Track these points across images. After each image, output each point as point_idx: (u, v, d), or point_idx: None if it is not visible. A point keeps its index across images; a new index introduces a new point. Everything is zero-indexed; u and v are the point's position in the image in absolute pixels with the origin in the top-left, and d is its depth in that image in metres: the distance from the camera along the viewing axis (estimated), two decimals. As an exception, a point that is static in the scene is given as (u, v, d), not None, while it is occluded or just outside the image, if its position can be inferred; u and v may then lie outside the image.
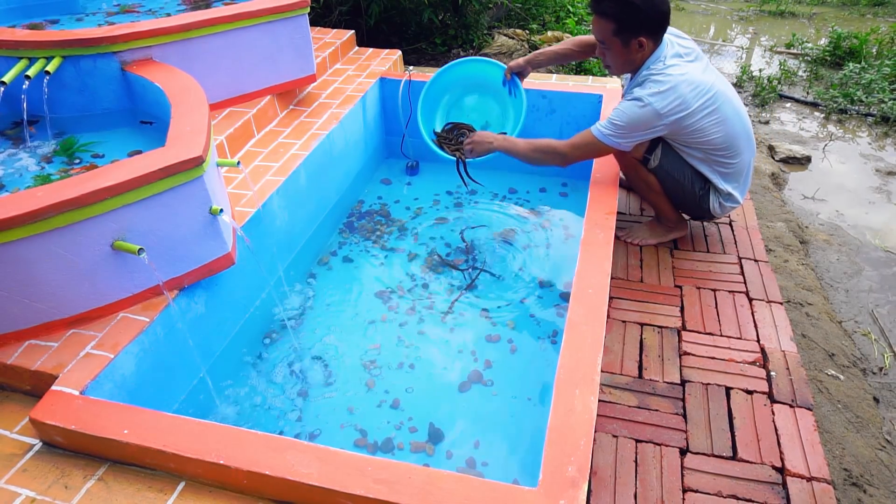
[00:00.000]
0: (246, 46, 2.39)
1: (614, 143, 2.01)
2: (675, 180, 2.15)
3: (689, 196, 2.18)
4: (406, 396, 1.90)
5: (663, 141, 2.11)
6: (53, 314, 1.55)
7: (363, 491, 1.20)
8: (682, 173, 2.14)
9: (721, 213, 2.21)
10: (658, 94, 1.91)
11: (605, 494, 1.49)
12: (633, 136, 1.99)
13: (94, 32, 2.05)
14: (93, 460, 1.39)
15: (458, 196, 2.88)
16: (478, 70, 2.59)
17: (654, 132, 1.99)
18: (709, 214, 2.24)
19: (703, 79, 1.94)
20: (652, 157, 2.13)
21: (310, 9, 2.58)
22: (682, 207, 2.28)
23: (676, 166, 2.13)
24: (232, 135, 2.33)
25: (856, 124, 4.14)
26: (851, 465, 1.71)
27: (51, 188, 1.44)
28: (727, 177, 2.13)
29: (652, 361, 1.85)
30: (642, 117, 1.94)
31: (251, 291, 2.13)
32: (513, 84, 2.52)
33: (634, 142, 2.02)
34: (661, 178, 2.17)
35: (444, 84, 2.62)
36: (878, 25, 5.57)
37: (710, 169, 2.11)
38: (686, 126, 1.97)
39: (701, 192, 2.16)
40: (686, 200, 2.21)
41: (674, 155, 2.12)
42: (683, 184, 2.15)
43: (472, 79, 2.63)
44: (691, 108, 1.93)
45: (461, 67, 2.59)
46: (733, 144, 2.04)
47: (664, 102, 1.91)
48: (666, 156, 2.12)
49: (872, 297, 2.58)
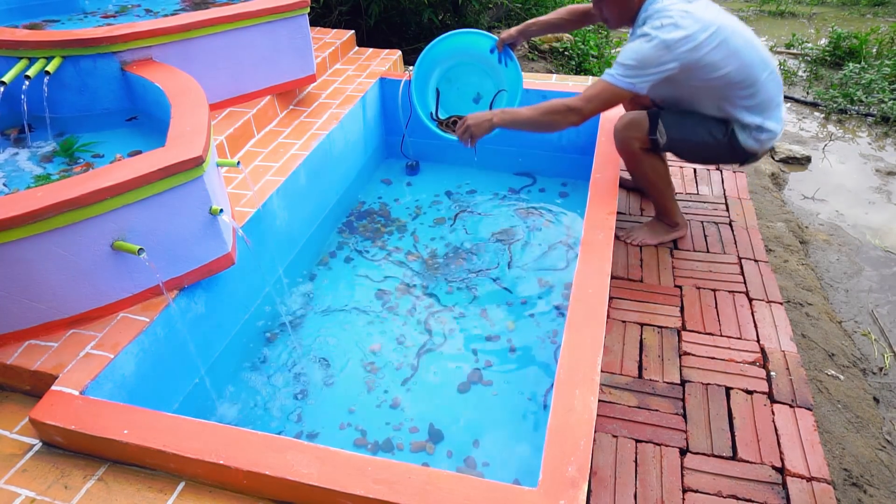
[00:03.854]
0: (246, 46, 2.40)
1: (629, 84, 1.92)
2: (694, 143, 2.09)
3: (716, 147, 2.10)
4: (406, 396, 1.90)
5: (661, 112, 2.07)
6: (53, 314, 1.55)
7: (363, 491, 1.20)
8: (696, 131, 2.08)
9: (760, 147, 2.08)
10: (662, 27, 1.87)
11: (605, 494, 1.49)
12: (646, 74, 1.91)
13: (94, 32, 2.05)
14: (93, 460, 1.39)
15: (458, 196, 2.88)
16: (468, 42, 2.53)
17: (667, 69, 1.91)
18: (749, 154, 2.10)
19: (704, 14, 1.90)
20: (657, 134, 2.07)
21: (310, 9, 2.58)
22: (720, 160, 2.21)
23: (688, 128, 2.07)
24: (232, 135, 2.33)
25: (856, 124, 4.14)
26: (851, 465, 1.71)
27: (51, 188, 1.44)
28: (752, 110, 2.02)
29: (652, 361, 1.85)
30: (651, 52, 1.88)
31: (251, 291, 2.13)
32: (506, 55, 2.47)
33: (649, 81, 1.93)
34: (679, 150, 2.10)
35: (434, 58, 2.57)
36: (878, 25, 5.57)
37: (731, 106, 2.02)
38: (697, 62, 1.90)
39: (726, 137, 2.07)
40: (718, 152, 2.13)
41: (679, 120, 2.07)
42: (705, 140, 2.08)
43: (463, 52, 2.58)
44: (698, 41, 1.87)
45: (451, 40, 2.53)
46: (750, 75, 1.96)
47: (670, 34, 1.86)
48: (672, 126, 2.07)
49: (872, 297, 2.58)
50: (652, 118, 2.08)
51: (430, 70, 2.64)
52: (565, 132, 2.94)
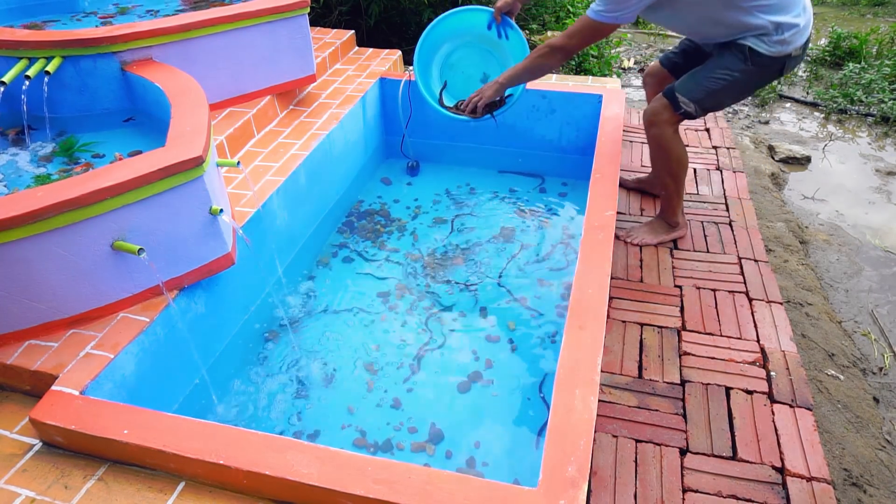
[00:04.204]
0: (246, 46, 2.39)
1: (611, 18, 1.88)
2: (721, 89, 2.00)
3: (745, 79, 1.98)
4: (406, 396, 1.90)
5: (674, 85, 2.03)
6: (53, 314, 1.55)
7: (363, 491, 1.20)
8: (715, 79, 1.99)
9: (789, 48, 1.90)
10: None
11: (605, 494, 1.49)
12: (628, 4, 1.85)
13: (94, 32, 2.05)
14: (93, 460, 1.39)
15: (458, 196, 2.88)
16: (463, 22, 2.48)
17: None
18: (781, 61, 1.94)
19: None
20: (683, 106, 2.02)
21: (310, 9, 2.58)
22: (759, 86, 2.09)
23: (706, 81, 2.00)
24: (232, 135, 2.33)
25: (856, 124, 4.14)
26: (851, 465, 1.71)
27: (51, 188, 1.44)
28: (765, 9, 1.86)
29: (652, 361, 1.85)
30: None
31: (251, 291, 2.13)
32: (505, 25, 2.41)
33: (634, 10, 1.88)
34: (715, 104, 2.04)
35: (432, 45, 2.51)
36: (878, 25, 5.57)
37: (741, 13, 1.87)
38: None
39: (748, 63, 1.94)
40: (751, 81, 2.02)
41: (693, 80, 2.01)
42: (728, 80, 1.98)
43: (460, 34, 2.52)
44: None
45: (445, 23, 2.47)
46: None
47: None
48: (691, 90, 2.01)
49: (872, 297, 2.58)
50: (670, 96, 2.04)
51: (430, 58, 2.57)
52: (565, 132, 2.94)
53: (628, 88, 4.71)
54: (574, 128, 2.92)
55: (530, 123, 2.96)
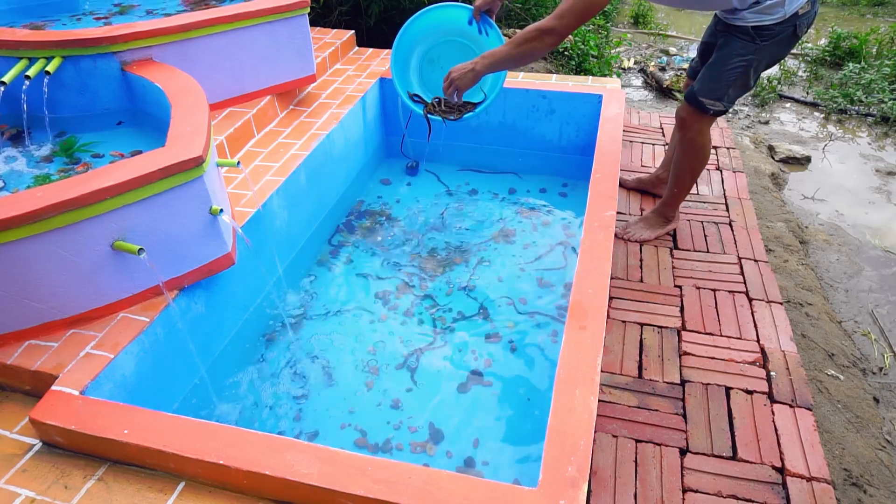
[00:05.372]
0: (246, 46, 2.40)
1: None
2: (739, 76, 1.97)
3: (759, 59, 1.95)
4: (406, 396, 1.90)
5: (694, 89, 2.02)
6: (53, 314, 1.55)
7: (363, 491, 1.20)
8: (731, 69, 1.96)
9: (794, 7, 1.84)
10: None
11: (605, 494, 1.49)
12: None
13: (94, 32, 2.04)
14: (93, 460, 1.39)
15: (458, 196, 2.88)
16: (444, 17, 2.46)
17: None
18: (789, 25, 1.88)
19: None
20: (712, 107, 2.00)
21: (310, 9, 2.58)
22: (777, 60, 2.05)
23: (724, 74, 1.98)
24: (232, 135, 2.33)
25: (856, 124, 4.14)
26: (851, 465, 1.71)
27: (51, 188, 1.44)
28: None
29: (652, 361, 1.85)
30: None
31: (251, 291, 2.13)
32: (484, 24, 2.38)
33: None
34: (739, 91, 2.01)
35: (411, 40, 2.50)
36: (878, 25, 5.57)
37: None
38: None
39: (758, 40, 1.90)
40: (768, 57, 1.98)
41: (710, 78, 1.99)
42: (743, 66, 1.95)
43: (441, 29, 2.51)
44: None
45: (425, 18, 2.46)
46: None
47: None
48: (713, 90, 2.00)
49: (872, 297, 2.58)
50: (694, 102, 2.03)
51: (409, 53, 2.56)
52: (565, 132, 2.94)
53: (628, 88, 4.72)
54: (574, 128, 2.92)
55: (530, 123, 2.96)
